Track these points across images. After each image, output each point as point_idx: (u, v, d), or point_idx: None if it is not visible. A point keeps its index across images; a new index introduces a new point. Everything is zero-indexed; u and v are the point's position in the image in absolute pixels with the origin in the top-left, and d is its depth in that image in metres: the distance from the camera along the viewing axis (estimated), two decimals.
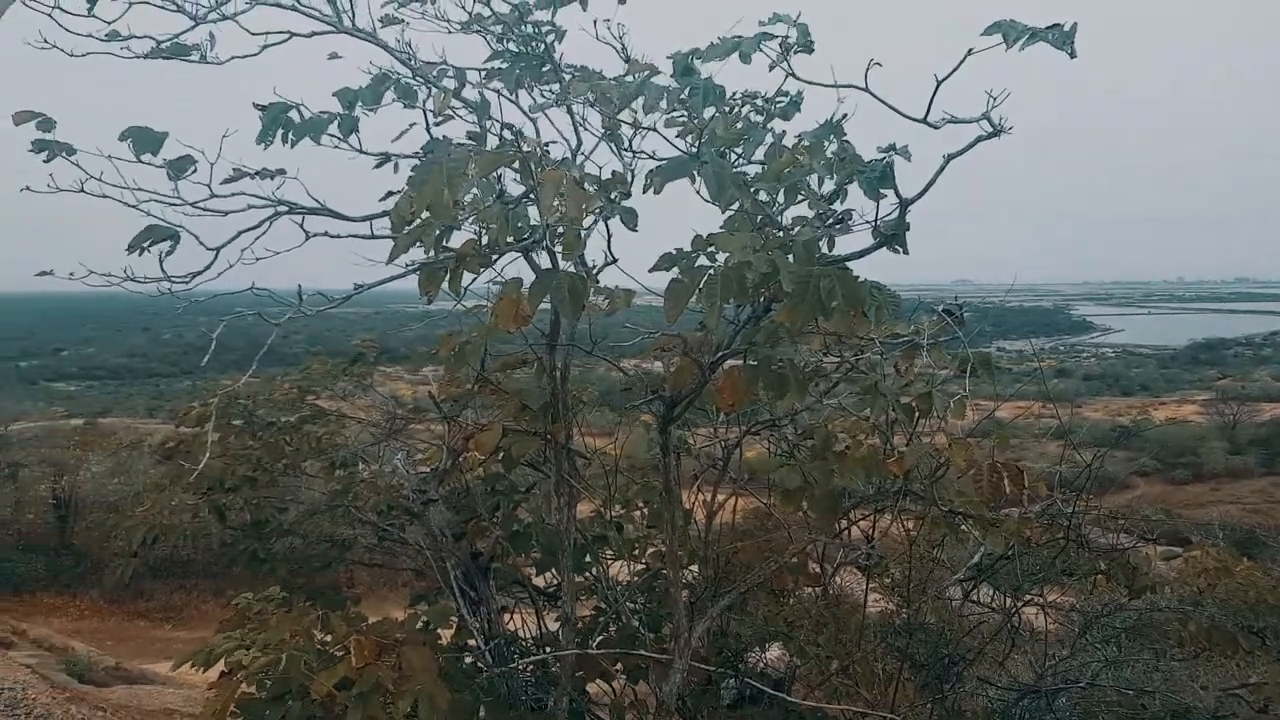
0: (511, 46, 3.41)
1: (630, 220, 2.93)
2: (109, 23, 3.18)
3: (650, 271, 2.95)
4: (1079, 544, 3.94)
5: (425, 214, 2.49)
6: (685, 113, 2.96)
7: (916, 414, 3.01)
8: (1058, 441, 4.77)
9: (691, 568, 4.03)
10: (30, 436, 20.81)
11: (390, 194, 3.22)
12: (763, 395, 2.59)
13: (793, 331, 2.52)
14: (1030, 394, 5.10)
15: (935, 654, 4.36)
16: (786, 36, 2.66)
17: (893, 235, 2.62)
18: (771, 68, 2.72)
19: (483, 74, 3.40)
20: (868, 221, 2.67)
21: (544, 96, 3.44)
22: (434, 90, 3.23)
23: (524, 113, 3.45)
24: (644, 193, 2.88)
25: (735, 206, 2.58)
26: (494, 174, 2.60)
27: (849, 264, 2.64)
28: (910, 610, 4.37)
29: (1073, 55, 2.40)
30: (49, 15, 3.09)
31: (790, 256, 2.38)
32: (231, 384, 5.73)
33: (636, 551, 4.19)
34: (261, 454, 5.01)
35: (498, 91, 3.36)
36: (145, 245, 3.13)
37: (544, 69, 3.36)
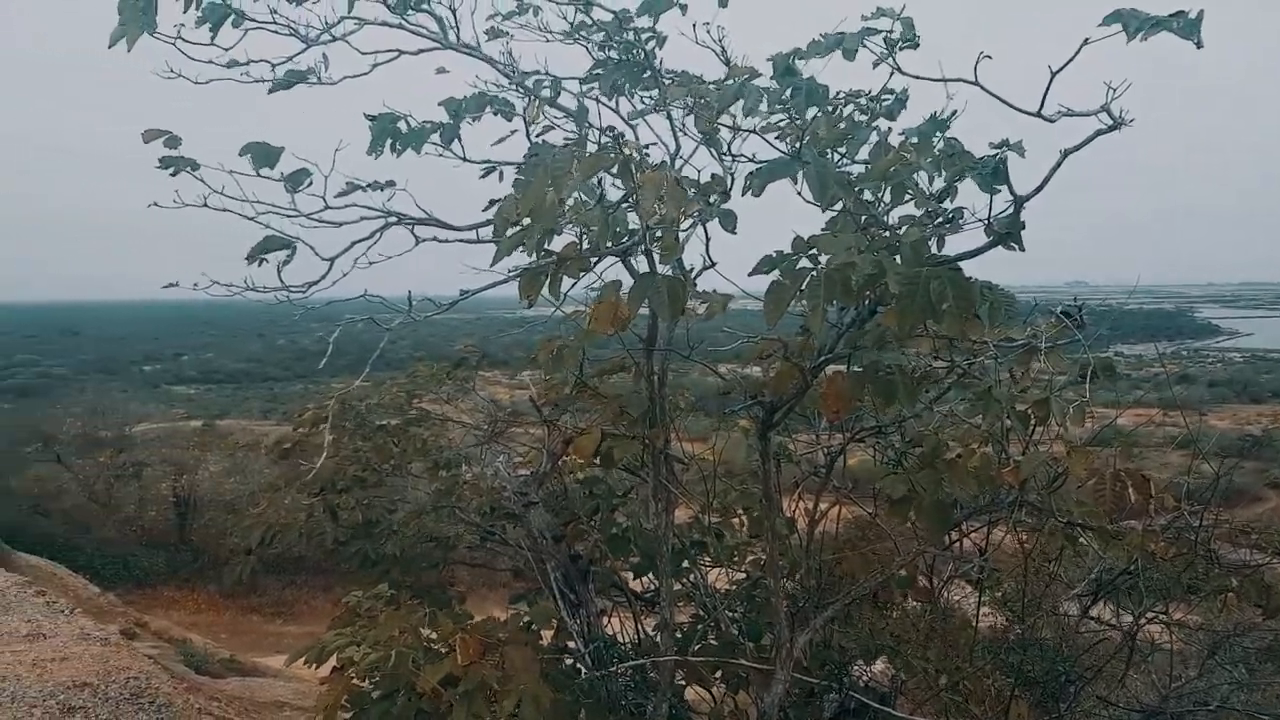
0: (613, 54, 3.44)
1: (729, 223, 2.91)
2: (226, 49, 3.35)
3: (750, 275, 2.92)
4: (1207, 559, 3.70)
5: (527, 219, 2.53)
6: (786, 114, 2.93)
7: (1033, 421, 2.89)
8: (1182, 451, 4.51)
9: (793, 577, 3.97)
10: (153, 437, 22.10)
11: (493, 202, 3.29)
12: (869, 401, 2.52)
13: (901, 335, 2.45)
14: (1152, 401, 4.83)
15: (1051, 671, 4.17)
16: (890, 32, 2.59)
17: (1007, 233, 2.51)
18: (876, 64, 2.66)
19: (582, 82, 3.45)
20: (979, 220, 2.57)
21: (643, 102, 3.46)
22: (531, 99, 3.29)
23: (623, 119, 3.48)
24: (743, 195, 2.86)
25: (838, 207, 2.52)
26: (595, 178, 2.61)
27: (959, 264, 2.55)
28: (1024, 626, 4.19)
29: (1199, 45, 2.25)
30: (173, 44, 3.29)
31: (897, 257, 2.31)
32: (343, 387, 5.98)
33: (735, 559, 4.15)
34: (370, 455, 5.20)
35: (596, 99, 3.40)
36: (263, 256, 3.28)
37: (644, 74, 3.38)
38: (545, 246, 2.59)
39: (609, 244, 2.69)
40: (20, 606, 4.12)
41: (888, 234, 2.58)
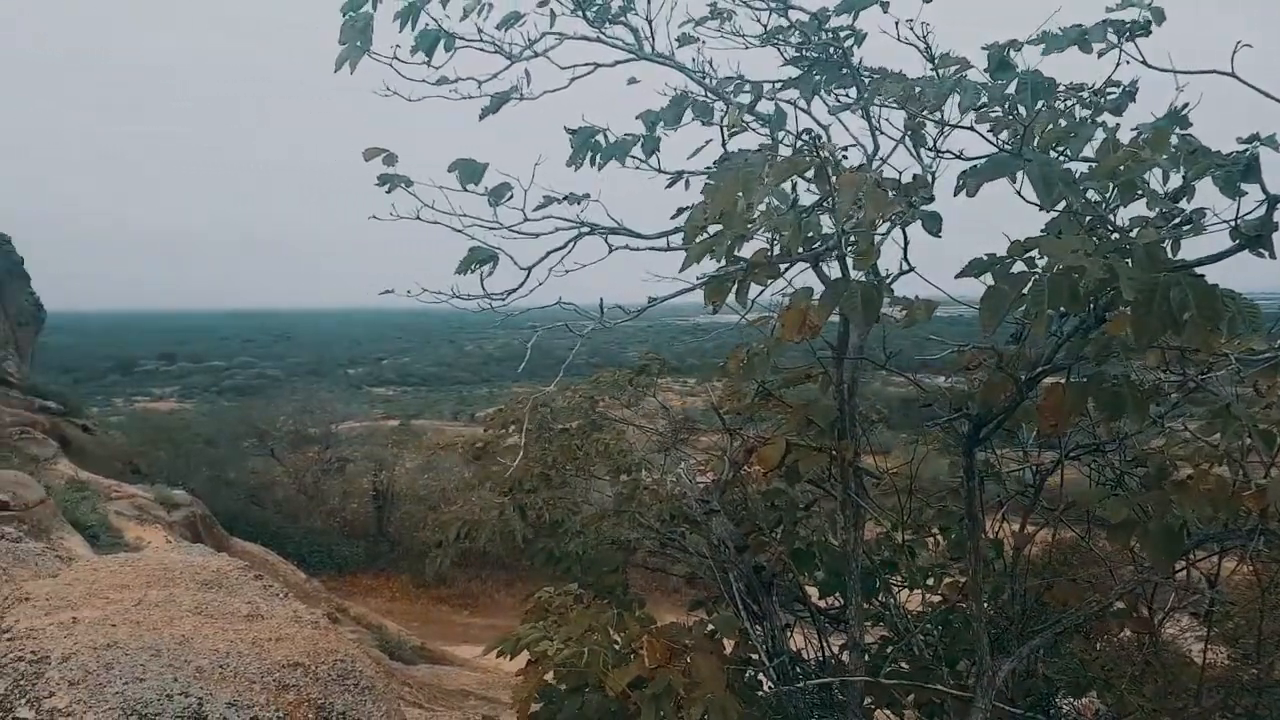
0: (808, 54, 3.38)
1: (934, 226, 2.78)
2: (438, 68, 3.56)
3: (957, 278, 2.79)
4: None
5: (716, 225, 2.51)
6: (999, 109, 2.77)
7: (1278, 441, 2.59)
8: None
9: (995, 601, 3.74)
10: (355, 435, 23.88)
11: (681, 210, 3.32)
12: (1094, 415, 2.33)
13: (1136, 346, 2.25)
14: None
15: None
16: (1136, 21, 2.39)
17: (1257, 237, 2.25)
18: (1102, 54, 2.46)
19: (777, 85, 3.41)
20: (1224, 221, 2.32)
21: (839, 101, 3.38)
22: (729, 106, 3.29)
23: (816, 122, 3.40)
24: (955, 195, 2.72)
25: (1060, 207, 2.35)
26: (789, 182, 2.57)
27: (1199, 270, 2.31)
28: (1260, 666, 3.74)
29: None
30: (389, 65, 3.54)
31: (1128, 261, 2.12)
32: (526, 391, 6.24)
33: (930, 580, 3.95)
34: (556, 457, 5.39)
35: (791, 102, 3.35)
36: (470, 267, 3.46)
37: (841, 73, 3.30)
38: (735, 253, 2.57)
39: (800, 249, 2.63)
40: (241, 589, 4.49)
41: (1116, 236, 2.37)
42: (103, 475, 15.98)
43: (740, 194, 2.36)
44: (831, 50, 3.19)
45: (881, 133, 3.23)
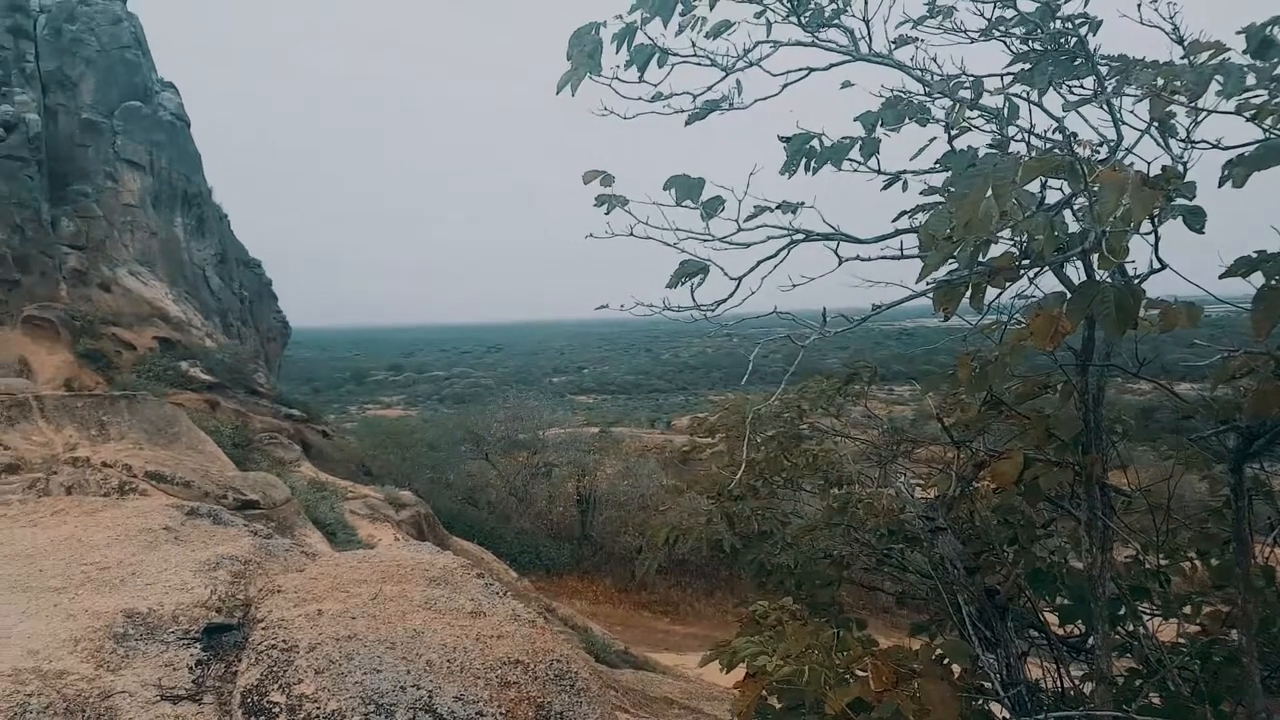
0: (1036, 46, 3.15)
1: (1197, 222, 2.51)
2: (655, 85, 3.63)
3: (1221, 277, 2.53)
4: None
5: (961, 230, 2.38)
6: (1264, 93, 2.46)
7: None
8: None
9: (1268, 634, 3.30)
10: (560, 441, 24.88)
11: (903, 214, 3.18)
12: None
13: None
14: None
15: None
16: None
17: None
18: None
19: (1003, 79, 3.20)
20: None
21: (1073, 93, 3.13)
22: (952, 104, 3.12)
23: (1049, 115, 3.16)
24: (1220, 186, 2.45)
25: None
26: (1036, 182, 2.40)
27: None
28: None
29: None
30: (608, 85, 3.65)
31: None
32: (736, 400, 6.22)
33: (1187, 609, 3.55)
34: (763, 466, 5.33)
35: (1022, 96, 3.13)
36: (681, 280, 3.50)
37: (1075, 64, 3.05)
38: (981, 259, 2.43)
39: (1052, 252, 2.45)
40: (465, 586, 4.73)
41: None
42: (339, 476, 17.58)
43: (987, 198, 2.22)
44: (1063, 40, 2.95)
45: (1124, 123, 2.95)
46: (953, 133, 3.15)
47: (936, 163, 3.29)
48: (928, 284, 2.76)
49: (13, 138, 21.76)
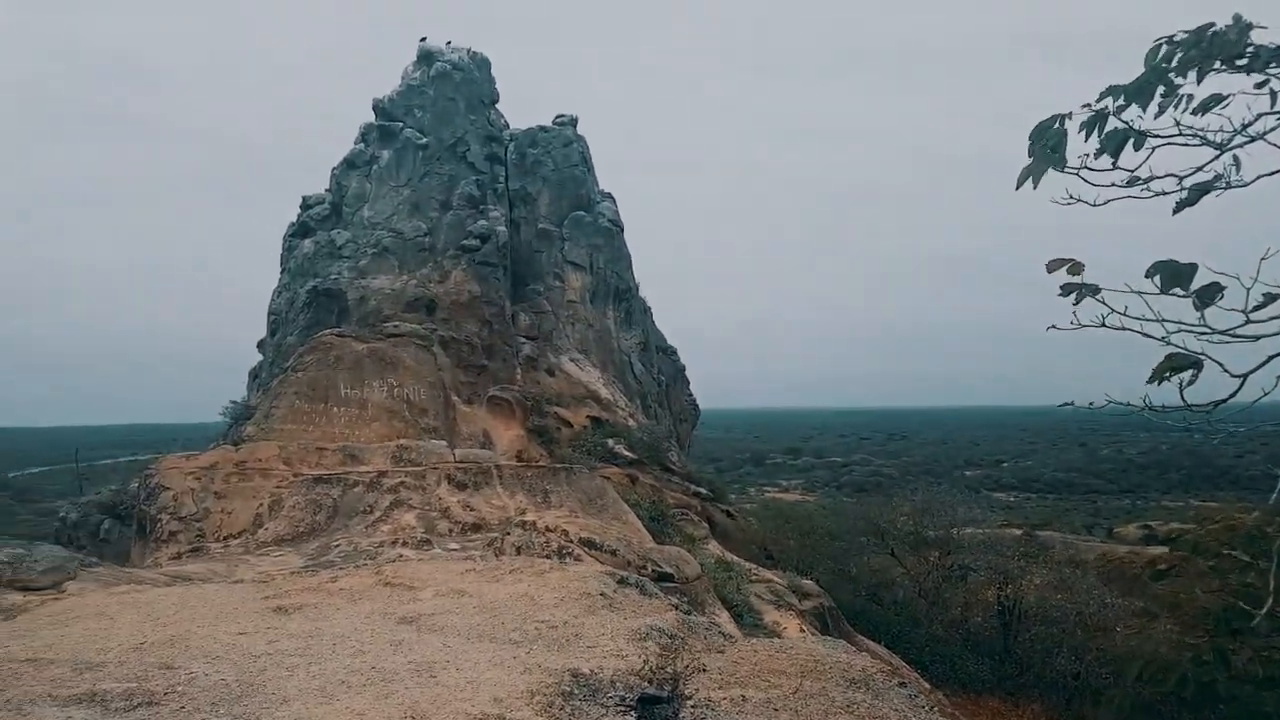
0: None
1: None
2: (1132, 170, 3.33)
3: None
4: None
5: None
6: None
7: None
8: None
9: None
10: (976, 542, 22.72)
11: None
12: None
13: None
14: None
15: None
16: None
17: None
18: None
19: None
20: None
21: None
22: None
23: None
24: None
25: None
26: None
27: None
28: None
29: None
30: (1076, 174, 3.42)
31: None
32: (1220, 510, 5.25)
33: None
34: (1263, 594, 4.39)
35: None
36: (1166, 375, 3.11)
37: None
38: None
39: None
40: (887, 694, 4.55)
41: None
42: (741, 557, 17.92)
43: None
44: None
45: None
46: None
47: None
48: None
49: (486, 247, 26.78)
